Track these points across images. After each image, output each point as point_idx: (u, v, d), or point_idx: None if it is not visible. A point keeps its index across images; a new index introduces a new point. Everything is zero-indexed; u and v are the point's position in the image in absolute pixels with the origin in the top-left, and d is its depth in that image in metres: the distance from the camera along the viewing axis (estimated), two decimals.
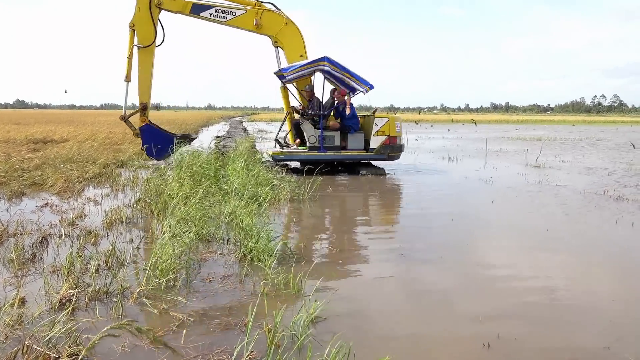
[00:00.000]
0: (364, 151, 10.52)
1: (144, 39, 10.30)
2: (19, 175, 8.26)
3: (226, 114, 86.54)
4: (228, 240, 4.95)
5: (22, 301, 3.39)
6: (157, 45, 10.50)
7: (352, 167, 11.01)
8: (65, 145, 13.18)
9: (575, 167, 12.43)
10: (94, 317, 3.17)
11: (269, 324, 2.99)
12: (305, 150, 10.44)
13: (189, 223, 5.07)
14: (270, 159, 10.43)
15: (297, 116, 11.13)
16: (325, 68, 9.90)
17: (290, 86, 11.03)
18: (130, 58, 10.27)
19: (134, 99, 10.78)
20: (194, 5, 10.43)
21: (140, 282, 3.69)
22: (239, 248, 4.55)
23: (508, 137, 25.60)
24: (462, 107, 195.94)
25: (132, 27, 10.23)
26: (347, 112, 10.34)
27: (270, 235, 4.72)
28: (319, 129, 10.29)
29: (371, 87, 10.13)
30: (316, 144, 10.28)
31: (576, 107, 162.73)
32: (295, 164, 11.58)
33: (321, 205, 7.19)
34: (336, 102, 10.64)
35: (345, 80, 10.38)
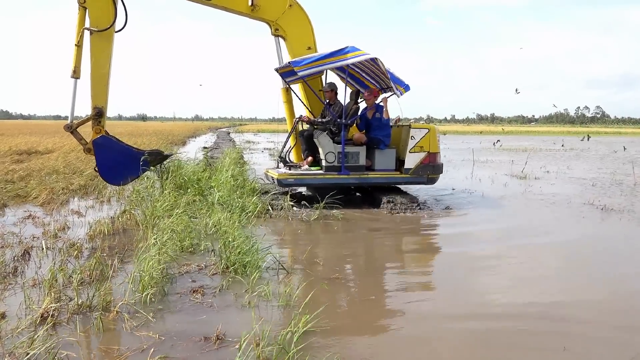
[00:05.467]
0: (397, 172, 8.08)
1: (99, 21, 7.25)
2: (2, 187, 8.13)
3: (213, 125, 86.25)
4: (212, 252, 4.90)
5: (2, 315, 3.32)
6: (116, 30, 7.50)
7: (372, 193, 8.49)
8: (50, 156, 13.02)
9: (560, 177, 12.55)
10: (75, 332, 3.11)
11: (257, 338, 2.96)
12: (320, 172, 7.90)
13: (174, 235, 5.02)
14: (274, 183, 7.99)
15: (305, 127, 8.69)
16: (349, 61, 7.51)
17: (295, 88, 8.88)
18: (79, 46, 7.20)
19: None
20: None
21: (122, 296, 3.63)
22: (221, 260, 4.50)
23: (495, 148, 25.82)
24: (448, 117, 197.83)
25: (83, 3, 7.20)
26: (385, 117, 8.04)
27: (255, 247, 4.68)
28: (338, 142, 7.81)
29: (407, 88, 8.01)
30: (335, 163, 7.79)
31: (560, 119, 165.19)
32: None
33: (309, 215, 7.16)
34: (362, 107, 8.43)
35: (375, 79, 8.50)
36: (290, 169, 8.16)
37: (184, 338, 3.11)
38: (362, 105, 8.57)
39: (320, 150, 8.05)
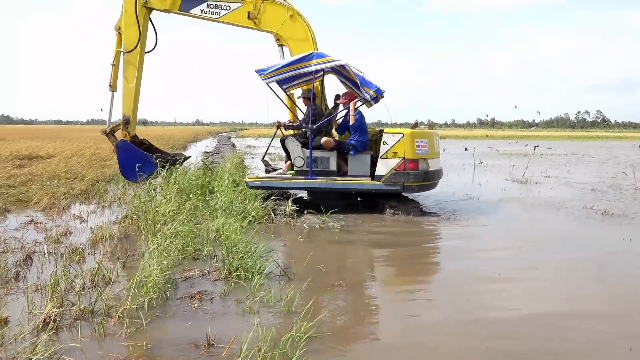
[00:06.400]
0: (369, 179, 7.66)
1: (129, 43, 9.24)
2: (4, 192, 8.15)
3: (214, 130, 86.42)
4: (215, 257, 4.90)
5: (5, 321, 3.33)
6: (147, 50, 9.57)
7: (374, 199, 8.18)
8: (51, 161, 13.05)
9: (560, 181, 12.55)
10: (77, 337, 3.12)
11: (258, 343, 2.96)
12: (288, 176, 7.91)
13: (176, 240, 5.03)
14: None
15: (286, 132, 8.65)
16: (312, 68, 7.49)
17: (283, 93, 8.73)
18: (115, 65, 9.39)
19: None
20: (183, 0, 9.15)
21: (124, 301, 3.63)
22: (224, 266, 4.51)
23: (498, 151, 25.82)
24: (449, 122, 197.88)
25: (118, 30, 9.31)
26: (351, 121, 7.66)
27: (258, 252, 4.69)
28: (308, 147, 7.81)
29: (378, 91, 7.48)
30: (304, 168, 7.77)
31: (561, 123, 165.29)
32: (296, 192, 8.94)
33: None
34: (339, 110, 8.12)
35: (348, 83, 8.23)
36: (268, 173, 8.30)
37: (178, 344, 3.13)
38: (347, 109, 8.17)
39: (290, 155, 8.02)
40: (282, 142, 8.29)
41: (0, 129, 53.71)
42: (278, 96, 8.22)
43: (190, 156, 11.12)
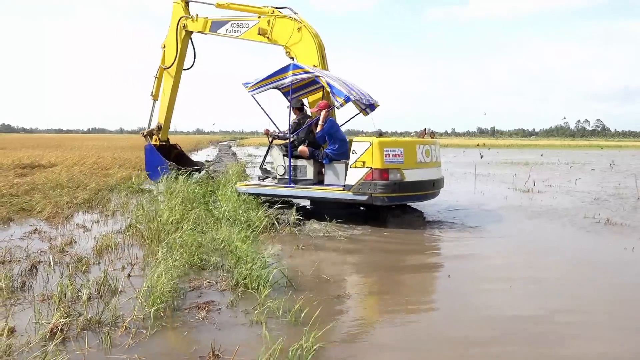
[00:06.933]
0: (341, 188, 7.45)
1: (167, 60, 10.81)
2: (7, 200, 8.16)
3: (215, 139, 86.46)
4: (222, 267, 4.90)
5: (12, 331, 3.32)
6: (185, 68, 11.03)
7: (376, 208, 7.82)
8: (53, 170, 13.06)
9: (562, 190, 12.56)
10: (84, 348, 3.12)
11: (265, 354, 2.96)
12: (271, 184, 8.20)
13: (181, 250, 5.03)
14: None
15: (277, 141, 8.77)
16: (288, 80, 7.79)
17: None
18: (158, 78, 11.01)
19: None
20: (213, 22, 10.25)
21: (131, 311, 3.63)
22: (232, 275, 4.50)
23: (496, 161, 25.84)
24: (449, 131, 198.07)
25: (163, 47, 10.88)
26: (318, 128, 7.76)
27: (265, 262, 4.68)
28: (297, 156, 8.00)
29: (346, 99, 7.30)
30: (285, 176, 7.96)
31: (561, 132, 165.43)
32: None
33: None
34: (313, 119, 8.17)
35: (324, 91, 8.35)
36: (262, 180, 8.64)
37: (182, 354, 3.13)
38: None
39: (273, 163, 8.31)
40: (268, 150, 8.57)
41: (1, 138, 53.87)
42: (262, 107, 8.45)
43: (207, 163, 12.89)
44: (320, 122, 7.72)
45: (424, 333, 3.62)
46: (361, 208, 8.69)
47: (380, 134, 7.65)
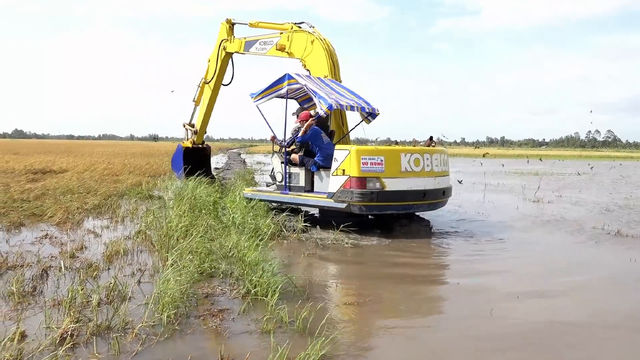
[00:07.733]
0: (325, 196, 7.44)
1: (209, 75, 12.01)
2: (18, 205, 8.24)
3: (224, 146, 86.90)
4: (231, 274, 4.90)
5: (23, 335, 3.34)
6: (224, 84, 12.15)
7: (384, 217, 7.82)
8: (64, 175, 13.19)
9: (572, 201, 12.46)
10: (93, 353, 3.13)
11: None
12: (270, 190, 8.48)
13: (191, 257, 5.04)
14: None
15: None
16: (284, 90, 8.14)
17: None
18: (200, 87, 12.30)
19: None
20: (246, 42, 10.98)
21: (141, 317, 3.64)
22: (242, 283, 4.51)
23: (506, 171, 25.71)
24: (459, 141, 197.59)
25: (208, 61, 12.03)
26: (300, 134, 7.96)
27: (274, 270, 4.68)
28: (290, 163, 8.21)
29: (329, 107, 7.29)
30: (282, 182, 8.21)
31: (571, 142, 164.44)
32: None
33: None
34: (297, 129, 8.35)
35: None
36: (268, 187, 8.93)
37: None
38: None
39: (274, 169, 8.69)
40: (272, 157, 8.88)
41: (14, 144, 54.50)
42: (263, 116, 8.71)
43: (214, 176, 13.30)
44: (302, 132, 7.92)
45: (434, 342, 3.60)
46: (369, 216, 8.68)
47: (395, 143, 7.75)
